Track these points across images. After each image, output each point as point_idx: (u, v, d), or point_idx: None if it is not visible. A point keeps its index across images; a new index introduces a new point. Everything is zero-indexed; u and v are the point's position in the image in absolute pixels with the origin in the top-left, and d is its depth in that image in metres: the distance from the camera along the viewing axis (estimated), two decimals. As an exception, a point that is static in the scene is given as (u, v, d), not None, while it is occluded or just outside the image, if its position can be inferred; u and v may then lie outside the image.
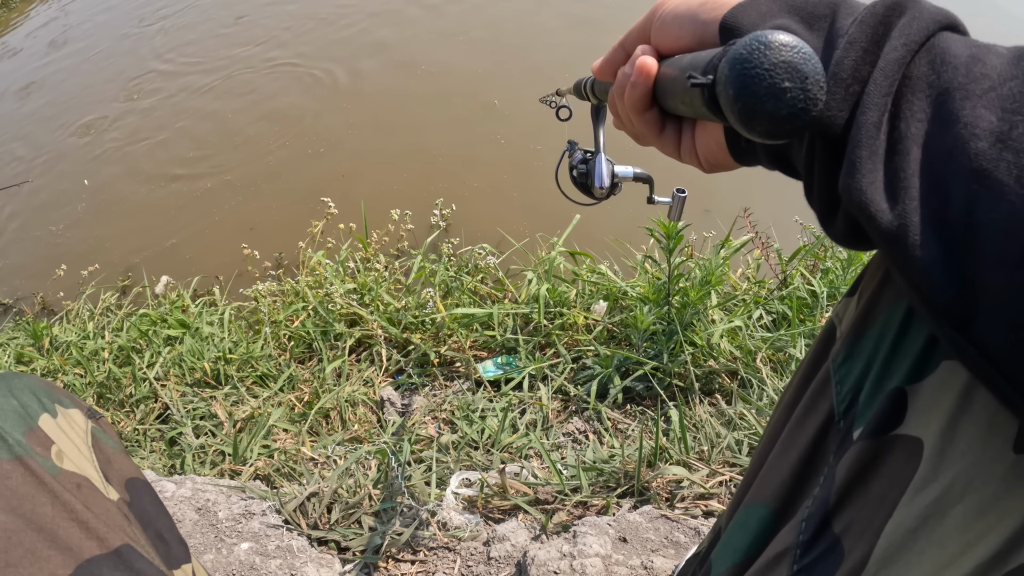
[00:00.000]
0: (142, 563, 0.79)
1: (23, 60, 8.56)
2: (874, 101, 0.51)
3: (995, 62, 0.49)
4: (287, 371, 2.62)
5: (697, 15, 0.67)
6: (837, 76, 0.53)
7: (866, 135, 0.51)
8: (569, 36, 6.11)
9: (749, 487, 0.77)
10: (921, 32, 0.52)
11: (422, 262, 3.06)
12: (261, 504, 1.83)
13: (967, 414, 0.55)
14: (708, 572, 0.78)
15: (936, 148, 0.48)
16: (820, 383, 0.69)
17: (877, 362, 0.62)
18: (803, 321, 2.40)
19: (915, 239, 0.48)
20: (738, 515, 0.75)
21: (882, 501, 0.58)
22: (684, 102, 0.64)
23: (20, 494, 0.75)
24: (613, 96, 0.79)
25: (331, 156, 5.25)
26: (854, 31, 0.53)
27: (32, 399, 0.87)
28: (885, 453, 0.59)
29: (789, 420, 0.73)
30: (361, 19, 7.03)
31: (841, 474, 0.62)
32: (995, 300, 0.44)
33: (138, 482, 0.93)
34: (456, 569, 1.65)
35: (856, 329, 0.66)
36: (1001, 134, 0.45)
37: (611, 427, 2.16)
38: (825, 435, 0.67)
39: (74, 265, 4.75)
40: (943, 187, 0.47)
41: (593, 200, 1.13)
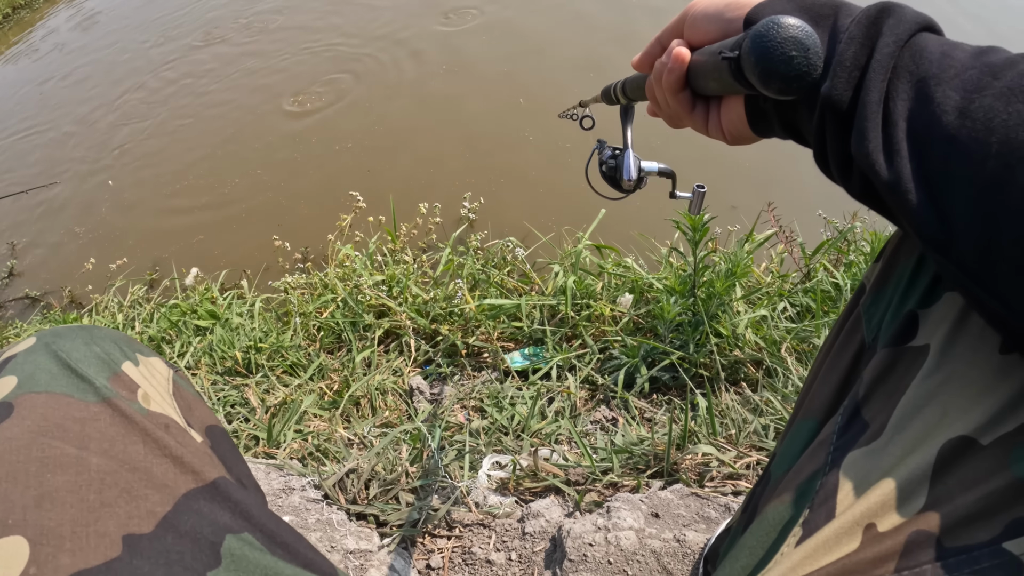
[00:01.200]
0: (239, 494, 0.79)
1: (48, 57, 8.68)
2: (874, 85, 0.67)
3: (959, 56, 0.65)
4: (317, 360, 2.66)
5: (723, 14, 0.84)
6: (842, 64, 0.69)
7: (870, 111, 0.67)
8: (592, 36, 6.14)
9: (799, 410, 0.91)
10: (905, 32, 0.68)
11: (450, 255, 3.10)
12: (300, 480, 1.87)
13: (964, 327, 0.71)
14: (768, 481, 0.89)
15: (917, 121, 0.65)
16: (853, 323, 0.86)
17: (896, 297, 0.79)
18: (827, 313, 2.43)
19: (907, 187, 0.64)
20: (791, 431, 0.88)
21: (897, 386, 0.73)
22: (714, 78, 0.80)
23: (110, 435, 0.76)
24: (651, 83, 0.97)
25: (357, 151, 5.28)
26: (853, 29, 0.69)
27: (114, 347, 0.88)
28: (901, 357, 0.75)
29: (829, 354, 0.89)
30: (388, 19, 7.06)
31: (867, 376, 0.77)
32: (965, 228, 0.61)
33: (217, 429, 0.94)
34: (491, 544, 1.69)
35: (880, 279, 0.84)
36: (963, 109, 0.61)
37: (638, 415, 2.20)
38: (858, 361, 0.83)
39: (102, 259, 4.79)
40: (925, 149, 0.64)
41: (621, 193, 1.22)
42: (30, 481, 0.68)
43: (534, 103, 5.27)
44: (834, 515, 0.70)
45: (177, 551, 0.70)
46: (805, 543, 0.70)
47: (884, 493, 0.67)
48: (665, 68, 0.90)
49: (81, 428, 0.75)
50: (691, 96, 0.91)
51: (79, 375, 0.81)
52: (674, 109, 0.94)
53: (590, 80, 5.31)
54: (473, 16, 6.77)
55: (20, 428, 0.73)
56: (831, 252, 2.85)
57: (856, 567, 0.66)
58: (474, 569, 1.65)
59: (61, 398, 0.77)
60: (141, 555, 0.68)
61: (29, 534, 0.64)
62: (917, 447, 0.68)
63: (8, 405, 0.75)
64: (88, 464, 0.72)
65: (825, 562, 0.68)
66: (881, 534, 0.66)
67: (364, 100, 5.87)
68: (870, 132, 0.66)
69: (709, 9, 0.86)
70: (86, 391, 0.79)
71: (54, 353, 0.82)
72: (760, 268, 2.86)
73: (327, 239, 3.81)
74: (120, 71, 7.77)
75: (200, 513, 0.74)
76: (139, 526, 0.70)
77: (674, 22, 0.93)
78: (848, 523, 0.68)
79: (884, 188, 0.66)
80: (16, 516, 0.65)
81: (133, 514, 0.70)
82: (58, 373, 0.80)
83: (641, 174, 1.17)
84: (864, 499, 0.68)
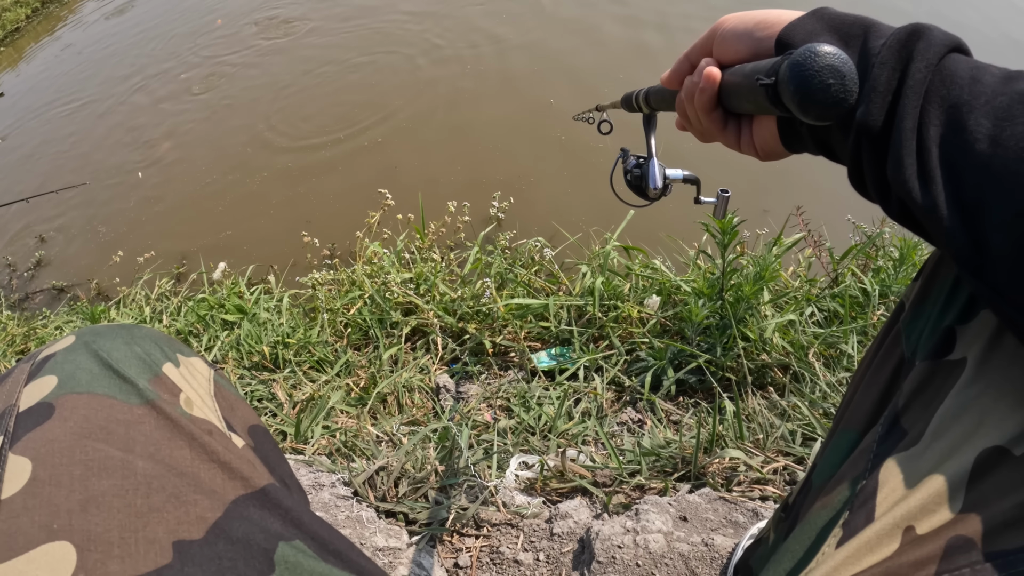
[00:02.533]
0: (289, 501, 0.78)
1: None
2: (908, 112, 0.68)
3: (989, 81, 0.66)
4: (344, 357, 2.67)
5: (752, 33, 0.85)
6: (875, 89, 0.70)
7: (905, 138, 0.68)
8: (622, 37, 6.13)
9: (839, 422, 0.92)
10: (935, 55, 0.69)
11: (478, 253, 3.11)
12: (330, 477, 1.89)
13: (999, 342, 0.72)
14: (809, 489, 0.90)
15: (950, 147, 0.66)
16: (893, 338, 0.87)
17: (934, 314, 0.80)
18: (855, 319, 2.42)
19: (942, 212, 0.66)
20: (832, 442, 0.90)
21: (935, 396, 0.74)
22: (749, 100, 0.82)
23: (155, 439, 0.74)
24: (682, 100, 0.98)
25: (385, 149, 5.29)
26: (885, 54, 0.70)
27: (155, 348, 0.87)
28: (938, 369, 0.76)
29: (870, 368, 0.90)
30: (418, 19, 7.08)
31: (906, 387, 0.79)
32: (998, 252, 0.63)
33: (260, 428, 0.93)
34: (519, 544, 1.70)
35: (919, 297, 0.85)
36: (995, 137, 0.63)
37: (664, 418, 2.20)
38: (898, 374, 0.84)
39: (130, 252, 4.82)
40: (959, 175, 0.65)
41: (646, 201, 1.24)
42: (74, 485, 0.67)
43: (566, 104, 5.27)
44: (873, 517, 0.71)
45: (229, 558, 0.68)
46: (846, 544, 0.71)
47: (922, 497, 0.68)
48: (697, 87, 0.91)
49: (126, 431, 0.74)
50: (723, 114, 0.93)
51: (121, 376, 0.79)
52: (706, 127, 0.96)
53: (620, 83, 5.31)
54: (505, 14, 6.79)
55: (62, 430, 0.71)
56: (859, 257, 2.84)
57: (899, 570, 0.66)
58: (502, 569, 1.66)
59: (104, 399, 0.76)
60: (192, 562, 0.66)
61: (76, 540, 0.63)
62: (954, 453, 0.69)
63: (49, 406, 0.74)
64: (134, 468, 0.71)
65: (867, 564, 0.69)
66: (920, 537, 0.67)
67: (394, 99, 5.89)
68: (906, 159, 0.68)
69: (738, 27, 0.87)
70: (129, 393, 0.78)
71: (94, 352, 0.81)
72: (788, 272, 2.85)
73: (355, 236, 3.83)
74: (149, 63, 7.84)
75: (251, 520, 0.73)
76: (189, 532, 0.68)
77: (703, 39, 0.94)
78: (888, 525, 0.69)
79: (920, 212, 0.68)
80: (61, 521, 0.64)
81: (183, 520, 0.69)
82: (99, 373, 0.79)
83: (666, 182, 1.19)
84: (903, 502, 0.69)
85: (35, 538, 0.62)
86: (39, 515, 0.64)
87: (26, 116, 7.72)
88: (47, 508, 0.65)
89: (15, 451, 0.69)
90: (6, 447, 0.70)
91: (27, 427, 0.72)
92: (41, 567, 0.61)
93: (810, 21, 0.78)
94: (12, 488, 0.66)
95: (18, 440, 0.70)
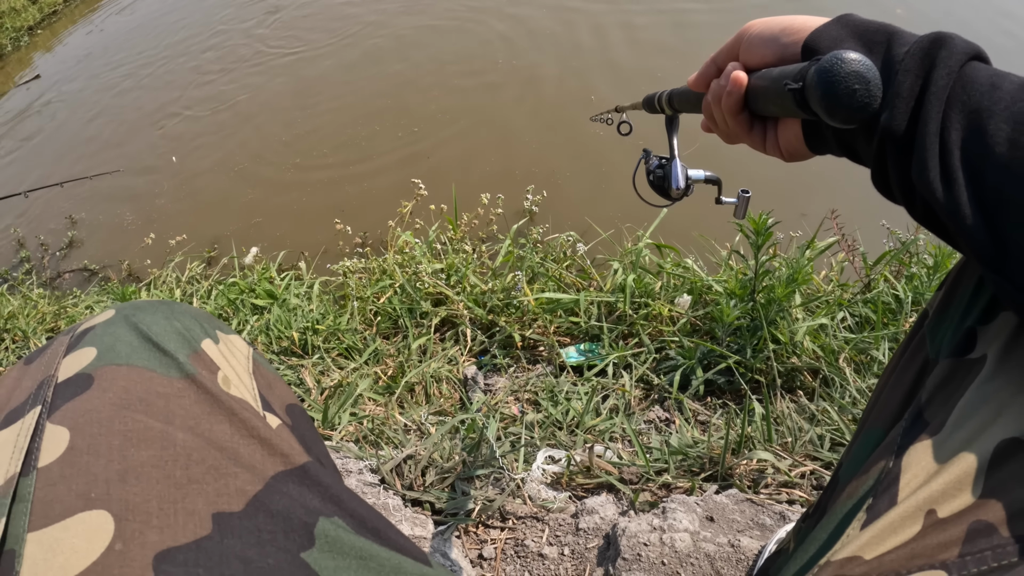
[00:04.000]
0: (329, 479, 0.78)
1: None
2: (932, 116, 0.71)
3: (1008, 88, 0.69)
4: (373, 345, 2.68)
5: (779, 38, 0.88)
6: (899, 95, 0.73)
7: (929, 142, 0.71)
8: (665, 37, 6.12)
9: (866, 421, 0.95)
10: (957, 63, 0.71)
11: (510, 246, 3.11)
12: (357, 463, 1.90)
13: (1019, 341, 0.75)
14: (836, 485, 0.92)
15: (972, 150, 0.69)
16: (918, 343, 0.90)
17: (957, 316, 0.83)
18: (887, 325, 2.40)
19: (964, 213, 0.69)
20: (858, 440, 0.92)
21: (956, 390, 0.77)
22: (775, 103, 0.85)
23: (195, 412, 0.74)
24: (709, 103, 1.00)
25: (420, 140, 5.31)
26: (908, 61, 0.73)
27: (194, 323, 0.87)
28: (960, 367, 0.79)
29: (895, 371, 0.93)
30: (465, 13, 7.09)
31: (930, 383, 0.81)
32: (1017, 248, 0.66)
33: (297, 408, 0.93)
34: (544, 537, 1.70)
35: (942, 304, 0.88)
36: (1014, 141, 0.66)
37: (692, 418, 2.20)
38: (923, 375, 0.86)
39: (162, 235, 4.85)
40: (980, 177, 0.68)
41: (669, 201, 1.26)
42: (113, 455, 0.67)
43: (608, 101, 5.26)
44: (897, 501, 0.73)
45: (269, 531, 0.68)
46: (870, 526, 0.73)
47: (944, 482, 0.70)
48: (724, 91, 0.94)
49: (166, 403, 0.74)
50: (749, 117, 0.96)
51: (161, 349, 0.79)
52: (732, 129, 0.99)
53: (658, 81, 5.30)
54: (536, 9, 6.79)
55: (101, 400, 0.71)
56: (893, 263, 2.82)
57: (923, 551, 0.69)
58: (526, 562, 1.66)
59: (143, 372, 0.76)
60: (232, 534, 0.66)
61: (113, 509, 0.63)
62: (974, 442, 0.71)
63: (88, 376, 0.74)
64: (174, 439, 0.71)
65: (891, 545, 0.71)
66: (942, 520, 0.69)
67: (431, 90, 5.90)
68: (929, 161, 0.71)
69: (765, 33, 0.90)
70: (169, 366, 0.78)
71: (134, 326, 0.81)
72: (820, 276, 2.84)
73: (388, 225, 3.84)
74: (191, 44, 7.90)
75: (290, 495, 0.73)
76: (229, 504, 0.68)
77: (729, 44, 0.97)
78: (911, 508, 0.71)
79: (944, 213, 0.71)
80: (99, 490, 0.64)
81: (222, 492, 0.69)
82: (139, 346, 0.79)
83: (688, 182, 1.21)
84: (925, 487, 0.71)
85: (72, 506, 0.62)
86: (76, 484, 0.64)
87: (63, 98, 7.79)
88: (85, 477, 0.65)
89: (53, 420, 0.70)
90: (44, 416, 0.70)
91: (66, 397, 0.72)
92: (77, 535, 0.61)
93: (835, 28, 0.81)
94: (49, 457, 0.66)
95: (56, 410, 0.71)
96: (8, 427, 0.70)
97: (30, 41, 10.51)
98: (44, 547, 0.60)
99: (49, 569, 0.59)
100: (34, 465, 0.65)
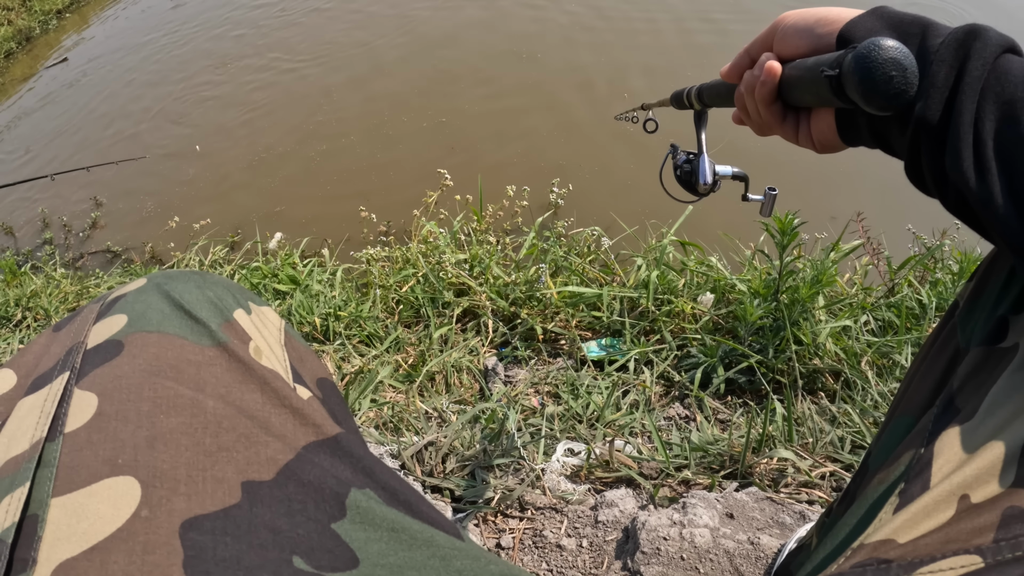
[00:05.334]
0: (361, 450, 0.77)
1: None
2: (966, 107, 0.72)
3: None
4: (394, 333, 2.69)
5: (813, 29, 0.88)
6: (934, 85, 0.74)
7: (963, 132, 0.72)
8: (702, 36, 6.11)
9: (896, 409, 0.96)
10: (991, 54, 0.72)
11: (534, 239, 3.11)
12: (378, 448, 1.91)
13: None
14: (865, 472, 0.93)
15: (1005, 140, 0.70)
16: (949, 332, 0.91)
17: (988, 305, 0.83)
18: (910, 330, 2.39)
19: (997, 202, 0.70)
20: (888, 427, 0.93)
21: (988, 378, 0.76)
22: (810, 92, 0.86)
23: (226, 381, 0.74)
24: (742, 94, 1.01)
25: (447, 130, 5.32)
26: (943, 52, 0.74)
27: (227, 293, 0.87)
28: (991, 355, 0.79)
29: (926, 360, 0.93)
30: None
31: (961, 371, 0.82)
32: None
33: (328, 382, 0.93)
34: (563, 529, 1.71)
35: (974, 293, 0.88)
36: None
37: (712, 416, 2.19)
38: (954, 363, 0.86)
39: (186, 218, 4.88)
40: (1012, 166, 0.69)
41: (696, 197, 1.27)
42: (142, 421, 0.67)
43: (640, 98, 5.25)
44: (929, 486, 0.73)
45: (300, 500, 0.68)
46: (903, 510, 0.73)
47: (977, 467, 0.70)
48: (757, 80, 0.94)
49: (196, 371, 0.74)
50: (783, 107, 0.96)
51: (193, 317, 0.79)
52: (765, 119, 0.99)
53: (688, 80, 5.30)
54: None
55: (130, 367, 0.71)
56: (917, 268, 2.81)
57: (957, 535, 0.68)
58: (544, 552, 1.67)
59: (174, 339, 0.76)
60: (262, 503, 0.66)
61: (141, 475, 0.63)
62: (1006, 429, 0.71)
63: (117, 343, 0.74)
64: (204, 407, 0.70)
65: (924, 529, 0.70)
66: (975, 505, 0.69)
67: (461, 81, 5.90)
68: (963, 151, 0.72)
69: (799, 24, 0.91)
70: (200, 334, 0.78)
71: (166, 293, 0.81)
72: (843, 278, 2.83)
73: (412, 214, 3.84)
74: (210, 37, 7.92)
75: (322, 466, 0.72)
76: (259, 473, 0.68)
77: (763, 35, 0.98)
78: (944, 493, 0.71)
79: (976, 202, 0.72)
80: (127, 456, 0.64)
81: (252, 460, 0.69)
82: (170, 313, 0.79)
83: (716, 178, 1.22)
84: (958, 472, 0.71)
85: (98, 472, 0.62)
86: (103, 449, 0.64)
87: (90, 81, 7.84)
88: (112, 443, 0.65)
89: (81, 386, 0.70)
90: (72, 382, 0.70)
91: (95, 363, 0.72)
92: (103, 500, 0.61)
93: (870, 19, 0.82)
94: (77, 422, 0.66)
95: (85, 376, 0.71)
96: (36, 392, 0.71)
97: (59, 24, 10.56)
98: (68, 512, 0.60)
99: (72, 534, 0.58)
100: (61, 430, 0.65)
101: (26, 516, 0.59)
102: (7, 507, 0.60)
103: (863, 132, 0.87)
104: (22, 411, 0.69)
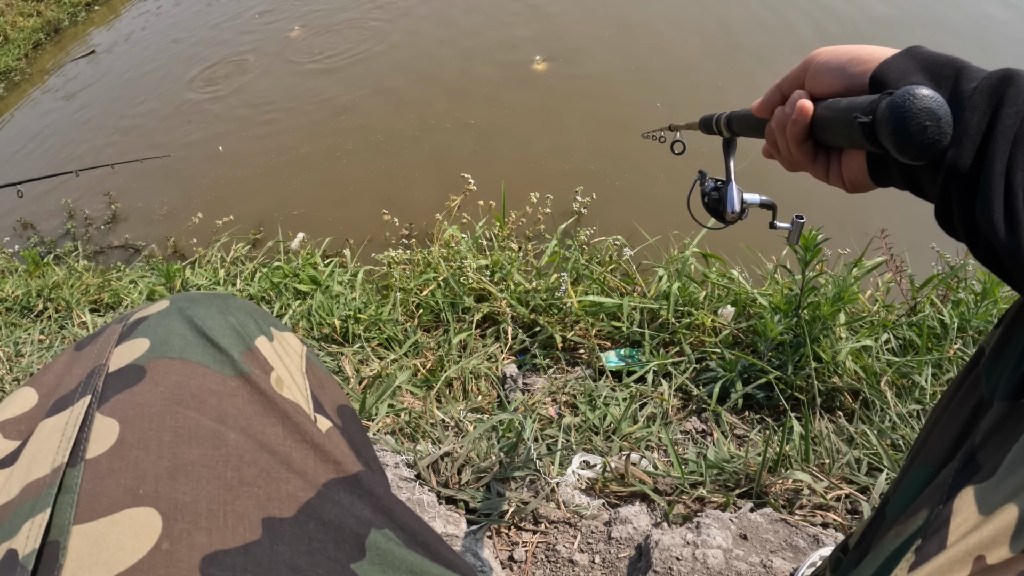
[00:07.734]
0: (380, 490, 0.76)
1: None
2: (998, 156, 0.70)
3: None
4: (413, 337, 2.70)
5: (846, 68, 0.87)
6: (967, 132, 0.72)
7: (994, 182, 0.70)
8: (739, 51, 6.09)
9: (915, 457, 0.94)
10: None
11: (556, 247, 3.11)
12: (394, 457, 1.91)
13: None
14: (882, 520, 0.91)
15: None
16: (973, 381, 0.88)
17: (1014, 358, 0.80)
18: (931, 350, 2.37)
19: None
20: (908, 476, 0.91)
21: (1010, 435, 0.74)
22: (842, 135, 0.84)
23: (248, 413, 0.73)
24: (772, 130, 0.99)
25: (473, 134, 5.32)
26: (976, 98, 0.72)
27: (249, 319, 0.85)
28: (1015, 410, 0.76)
29: (948, 408, 0.91)
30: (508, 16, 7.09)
31: (984, 426, 0.79)
32: None
33: (348, 409, 0.91)
34: (576, 544, 1.71)
35: (1000, 343, 0.85)
36: None
37: (729, 431, 2.19)
38: (977, 414, 0.84)
39: (209, 215, 4.90)
40: None
41: (723, 224, 1.26)
42: (163, 451, 0.66)
43: (673, 111, 5.23)
44: (946, 545, 0.71)
45: (320, 539, 0.67)
46: (918, 569, 0.72)
47: (994, 528, 0.69)
48: (789, 119, 0.93)
49: (219, 401, 0.72)
50: (814, 146, 0.95)
51: (215, 345, 0.78)
52: (796, 157, 0.97)
53: (719, 93, 5.30)
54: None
55: (153, 394, 0.70)
56: (940, 287, 2.79)
57: None
58: (556, 567, 1.67)
59: (197, 367, 0.75)
60: (282, 540, 0.65)
61: (162, 507, 0.61)
62: (1022, 491, 0.69)
63: (140, 368, 0.73)
64: (226, 439, 0.69)
65: None
66: (991, 566, 0.68)
67: (487, 85, 5.91)
68: (994, 202, 0.70)
69: (832, 62, 0.89)
70: (223, 363, 0.77)
71: (188, 319, 0.80)
72: (865, 295, 2.81)
73: (435, 218, 3.85)
74: (231, 37, 7.96)
75: (342, 504, 0.71)
76: (280, 510, 0.67)
77: (795, 71, 0.96)
78: (960, 553, 0.69)
79: (1005, 255, 0.71)
80: (148, 487, 0.62)
81: (273, 496, 0.67)
82: (193, 340, 0.77)
83: (744, 206, 1.21)
84: (976, 532, 0.70)
85: (119, 501, 0.61)
86: (125, 478, 0.63)
87: (116, 75, 7.89)
88: (133, 472, 0.64)
89: (103, 411, 0.68)
90: (94, 407, 0.69)
91: (116, 388, 0.71)
92: (124, 531, 0.60)
93: (903, 60, 0.81)
94: (98, 449, 0.65)
95: (107, 400, 0.70)
96: (57, 414, 0.70)
97: (87, 16, 10.63)
98: (90, 541, 0.59)
99: (94, 564, 0.57)
100: (82, 456, 0.64)
101: (47, 542, 0.59)
102: (28, 532, 0.59)
103: (894, 175, 0.86)
104: (43, 433, 0.68)
